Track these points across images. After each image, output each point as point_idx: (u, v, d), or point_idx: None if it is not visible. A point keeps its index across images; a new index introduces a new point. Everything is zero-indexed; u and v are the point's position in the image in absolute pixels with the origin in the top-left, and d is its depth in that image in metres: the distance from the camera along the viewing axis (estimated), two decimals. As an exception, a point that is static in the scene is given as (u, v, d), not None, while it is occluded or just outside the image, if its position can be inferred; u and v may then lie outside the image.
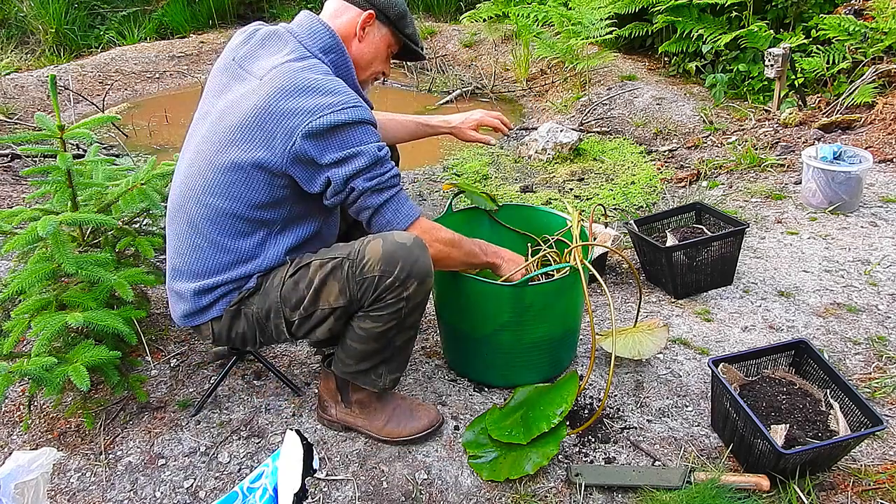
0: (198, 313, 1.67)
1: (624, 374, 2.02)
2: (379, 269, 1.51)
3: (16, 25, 6.33)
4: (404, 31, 1.71)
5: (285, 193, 1.57)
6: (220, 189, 1.56)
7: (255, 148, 1.51)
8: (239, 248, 1.60)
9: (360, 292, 1.54)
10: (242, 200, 1.56)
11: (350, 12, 1.66)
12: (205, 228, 1.60)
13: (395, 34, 1.71)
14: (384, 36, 1.70)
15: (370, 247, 1.53)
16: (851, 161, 2.86)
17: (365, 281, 1.52)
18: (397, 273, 1.51)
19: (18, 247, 1.75)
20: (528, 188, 3.44)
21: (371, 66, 1.71)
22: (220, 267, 1.61)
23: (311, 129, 1.47)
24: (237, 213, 1.57)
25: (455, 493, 1.63)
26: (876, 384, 1.94)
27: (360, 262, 1.53)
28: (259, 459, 1.73)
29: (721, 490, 1.53)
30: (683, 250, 2.31)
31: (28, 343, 2.02)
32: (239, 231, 1.59)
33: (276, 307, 1.61)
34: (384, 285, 1.52)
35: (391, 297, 1.54)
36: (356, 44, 1.67)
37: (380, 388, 1.72)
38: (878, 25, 3.81)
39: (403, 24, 1.71)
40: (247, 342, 1.70)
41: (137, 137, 4.55)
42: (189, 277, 1.64)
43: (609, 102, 4.49)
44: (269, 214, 1.59)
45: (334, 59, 1.62)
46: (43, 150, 2.31)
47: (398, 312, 1.56)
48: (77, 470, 1.72)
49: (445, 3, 6.80)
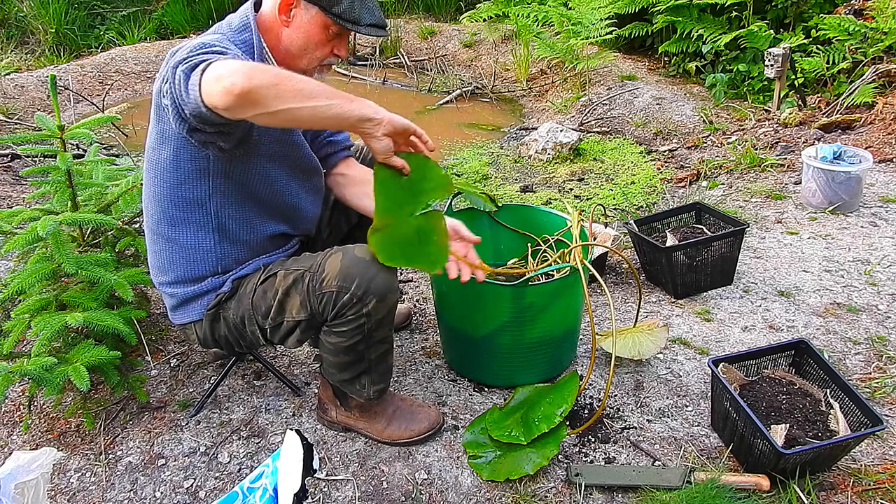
0: (176, 309, 1.67)
1: (624, 374, 2.02)
2: (336, 284, 1.48)
3: (16, 25, 6.33)
4: (332, 10, 1.49)
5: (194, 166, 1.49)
6: (147, 177, 1.58)
7: (152, 120, 1.51)
8: (182, 236, 1.58)
9: (320, 307, 1.51)
10: (161, 181, 1.54)
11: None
12: (150, 221, 1.62)
13: (324, 13, 1.50)
14: (313, 17, 1.51)
15: (330, 261, 1.50)
16: (851, 161, 2.86)
17: (324, 296, 1.49)
18: (353, 290, 1.47)
19: (18, 247, 1.75)
20: (528, 188, 3.44)
21: (306, 51, 1.54)
22: (175, 260, 1.61)
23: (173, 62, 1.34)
24: (164, 196, 1.55)
25: (455, 493, 1.63)
26: (876, 384, 1.94)
27: (319, 276, 1.50)
28: (259, 459, 1.73)
29: (721, 490, 1.53)
30: (683, 250, 2.31)
31: (28, 343, 2.02)
32: (174, 217, 1.57)
33: (248, 314, 1.60)
34: (342, 301, 1.48)
35: (351, 314, 1.50)
36: (285, 31, 1.52)
37: (365, 398, 1.71)
38: (878, 25, 3.81)
39: (332, 4, 1.49)
40: (232, 346, 1.69)
41: (137, 137, 4.54)
42: (155, 273, 1.68)
43: (609, 102, 4.49)
44: (194, 192, 1.53)
45: (245, 38, 1.50)
46: (43, 150, 2.31)
47: (361, 328, 1.53)
48: (77, 470, 1.72)
49: (445, 3, 6.80)
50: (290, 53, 1.55)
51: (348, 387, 1.69)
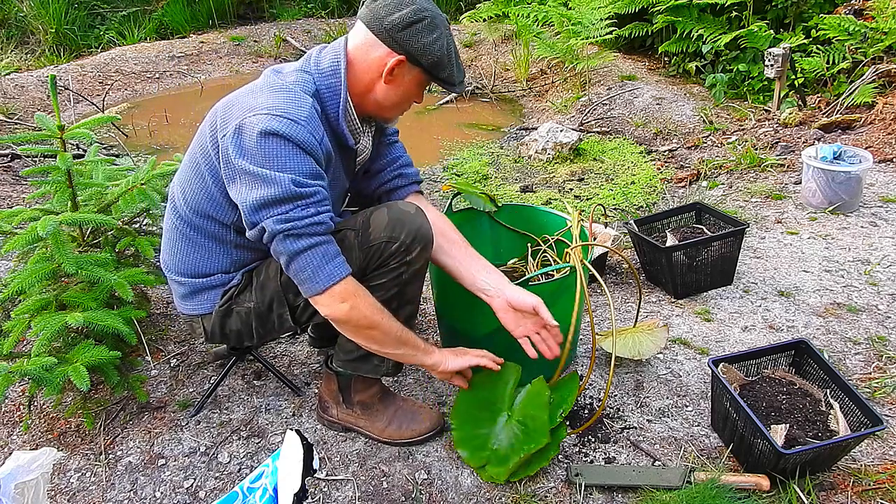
0: (187, 297, 1.69)
1: (624, 374, 2.02)
2: (385, 235, 1.52)
3: (16, 25, 6.33)
4: (438, 75, 1.51)
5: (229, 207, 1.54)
6: (185, 185, 1.59)
7: (205, 141, 1.52)
8: (198, 240, 1.62)
9: (366, 259, 1.54)
10: (202, 196, 1.56)
11: (378, 50, 1.47)
12: (178, 222, 1.63)
13: (427, 75, 1.52)
14: (415, 76, 1.51)
15: (374, 216, 1.54)
16: (851, 161, 2.86)
17: (371, 248, 1.53)
18: (403, 238, 1.52)
19: (18, 247, 1.75)
20: (528, 188, 3.44)
21: (401, 106, 1.58)
22: (195, 260, 1.63)
23: (239, 124, 1.40)
24: (199, 210, 1.58)
25: (455, 493, 1.63)
26: (876, 384, 1.93)
27: (366, 231, 1.53)
28: (259, 459, 1.73)
29: (721, 490, 1.53)
30: (683, 250, 2.31)
31: (28, 343, 2.02)
32: (205, 228, 1.60)
33: (278, 296, 1.61)
34: (390, 251, 1.53)
35: (395, 262, 1.54)
36: (381, 85, 1.51)
37: (382, 373, 1.71)
38: (878, 25, 3.81)
39: (438, 70, 1.50)
40: (243, 339, 1.70)
41: (137, 137, 4.55)
42: (163, 259, 1.71)
43: (609, 102, 4.49)
44: (231, 215, 1.55)
45: (331, 84, 1.50)
46: (43, 150, 2.31)
47: (398, 278, 1.56)
48: (77, 470, 1.72)
49: (445, 3, 6.80)
50: (381, 106, 1.55)
51: (364, 365, 1.69)
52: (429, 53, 1.46)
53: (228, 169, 1.44)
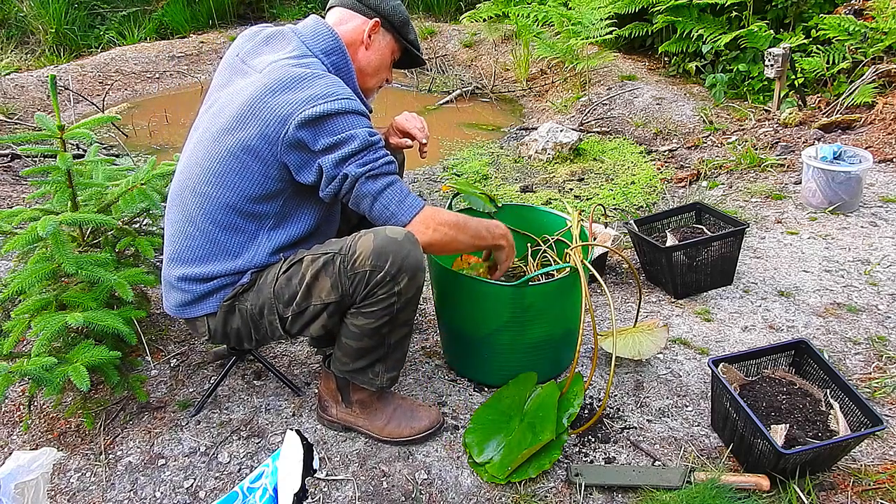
0: (189, 305, 1.67)
1: (624, 374, 2.02)
2: (370, 263, 1.51)
3: (16, 25, 6.33)
4: (407, 37, 1.75)
5: (279, 187, 1.58)
6: (215, 178, 1.57)
7: (250, 137, 1.53)
8: (228, 241, 1.61)
9: (351, 287, 1.54)
10: (236, 190, 1.57)
11: (355, 20, 1.69)
12: (198, 218, 1.61)
13: (398, 40, 1.75)
14: (389, 43, 1.73)
15: (361, 242, 1.54)
16: (851, 161, 2.86)
17: (356, 276, 1.53)
18: (388, 268, 1.51)
19: (18, 247, 1.75)
20: (528, 188, 3.44)
21: (378, 73, 1.75)
22: (209, 258, 1.62)
23: (304, 117, 1.49)
24: (230, 203, 1.58)
25: (455, 493, 1.63)
26: (876, 384, 1.94)
27: (351, 257, 1.53)
28: (259, 459, 1.73)
29: (721, 490, 1.53)
30: (683, 250, 2.31)
31: (28, 343, 2.02)
32: (230, 223, 1.60)
33: (269, 304, 1.61)
34: (375, 280, 1.52)
35: (383, 293, 1.54)
36: (363, 51, 1.70)
37: (377, 386, 1.72)
38: (878, 25, 3.81)
39: (406, 31, 1.74)
40: (242, 339, 1.70)
41: (137, 137, 4.55)
42: (178, 264, 1.66)
43: (609, 102, 4.49)
44: (262, 208, 1.59)
45: (335, 61, 1.64)
46: (43, 150, 2.31)
47: (390, 308, 1.56)
48: (77, 470, 1.72)
49: (445, 3, 6.80)
50: (363, 72, 1.72)
51: (360, 376, 1.70)
52: (397, 13, 1.72)
53: (305, 155, 1.53)
